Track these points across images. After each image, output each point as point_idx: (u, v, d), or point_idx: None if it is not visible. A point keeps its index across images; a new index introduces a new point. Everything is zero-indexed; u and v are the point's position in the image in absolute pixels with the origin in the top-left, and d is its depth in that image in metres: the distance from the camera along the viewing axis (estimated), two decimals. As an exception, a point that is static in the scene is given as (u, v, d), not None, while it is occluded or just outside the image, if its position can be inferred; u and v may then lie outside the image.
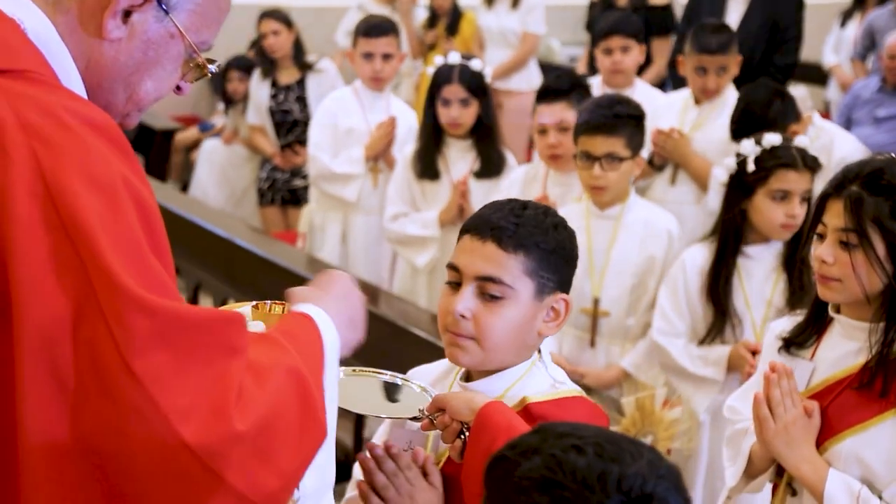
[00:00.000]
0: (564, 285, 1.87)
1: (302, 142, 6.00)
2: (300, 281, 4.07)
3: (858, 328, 2.15)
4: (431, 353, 3.31)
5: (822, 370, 2.22)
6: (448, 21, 6.94)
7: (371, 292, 3.93)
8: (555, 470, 1.11)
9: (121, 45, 1.41)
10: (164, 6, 1.42)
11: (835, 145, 4.25)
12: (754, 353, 3.05)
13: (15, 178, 1.26)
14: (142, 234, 1.31)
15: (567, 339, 3.49)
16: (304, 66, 6.05)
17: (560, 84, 3.72)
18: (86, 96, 1.42)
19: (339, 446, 4.16)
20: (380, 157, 4.62)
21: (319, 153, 4.67)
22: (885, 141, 6.14)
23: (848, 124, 6.25)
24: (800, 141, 3.13)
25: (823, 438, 2.16)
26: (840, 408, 2.13)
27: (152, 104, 1.49)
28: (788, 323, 2.33)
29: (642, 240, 3.41)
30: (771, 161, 3.08)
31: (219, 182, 6.51)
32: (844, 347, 2.19)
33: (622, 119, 3.30)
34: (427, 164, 4.20)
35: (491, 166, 4.15)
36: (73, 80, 1.40)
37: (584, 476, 1.10)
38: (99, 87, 1.43)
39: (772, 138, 3.10)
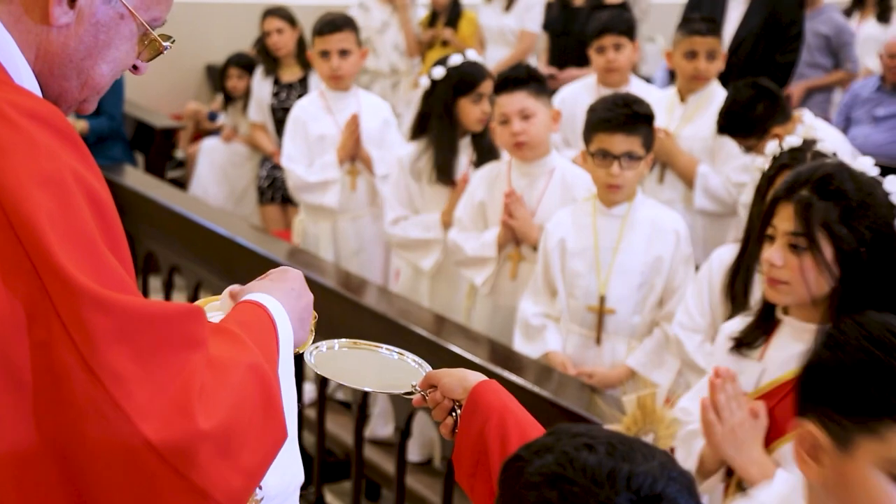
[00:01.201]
0: None
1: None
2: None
3: (806, 330, 2.18)
4: (432, 351, 3.34)
5: (770, 371, 2.28)
6: (447, 19, 6.94)
7: (365, 289, 3.93)
8: (565, 466, 1.11)
9: (70, 30, 1.38)
10: None
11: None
12: None
13: None
14: (95, 229, 1.28)
15: (572, 337, 3.49)
16: (307, 65, 6.05)
17: (518, 73, 3.74)
18: (37, 87, 1.39)
19: (340, 444, 4.18)
20: (353, 157, 4.60)
21: (292, 165, 4.65)
22: (883, 140, 6.15)
23: (847, 123, 6.26)
24: (790, 141, 3.13)
25: (772, 439, 2.19)
26: (788, 409, 2.10)
27: (109, 86, 1.46)
28: (739, 323, 2.36)
29: (649, 239, 3.42)
30: (779, 161, 3.09)
31: (219, 180, 6.50)
32: (792, 349, 2.21)
33: (640, 118, 3.34)
34: (447, 172, 4.14)
35: (487, 156, 4.13)
36: (21, 71, 1.37)
37: (593, 472, 1.10)
38: (51, 75, 1.40)
39: (792, 140, 3.10)
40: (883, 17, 7.75)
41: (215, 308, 1.57)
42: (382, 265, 4.69)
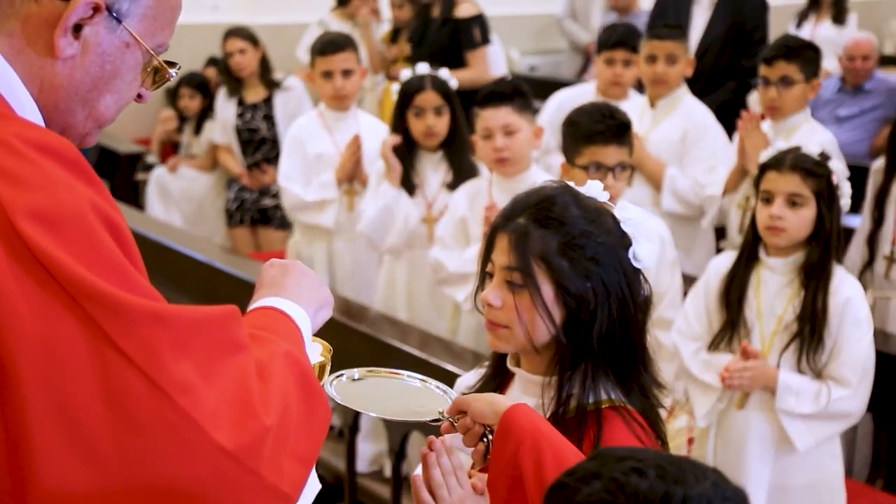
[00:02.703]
0: None
1: (269, 160, 5.95)
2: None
3: (534, 382, 1.85)
4: (420, 370, 3.30)
5: None
6: (410, 34, 6.91)
7: (359, 312, 3.90)
8: (616, 494, 1.08)
9: (75, 62, 1.33)
10: (115, 15, 1.34)
11: None
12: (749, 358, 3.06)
13: None
14: (120, 254, 1.25)
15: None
16: (272, 84, 6.00)
17: (503, 88, 3.73)
18: (41, 120, 1.35)
19: (330, 469, 4.13)
20: (352, 178, 4.58)
21: (289, 184, 4.62)
22: (848, 139, 6.24)
23: (811, 124, 6.33)
24: (777, 144, 3.15)
25: None
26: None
27: (114, 118, 1.42)
28: (474, 376, 2.06)
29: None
30: (763, 163, 3.11)
31: (171, 206, 6.43)
32: None
33: (627, 129, 3.34)
34: (403, 180, 4.17)
35: (463, 177, 4.12)
36: (25, 105, 1.32)
37: (646, 498, 1.07)
38: (56, 108, 1.35)
39: (779, 143, 3.11)
40: (838, 19, 7.84)
41: None
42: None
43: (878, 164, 4.10)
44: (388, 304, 4.29)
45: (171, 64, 1.43)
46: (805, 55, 4.17)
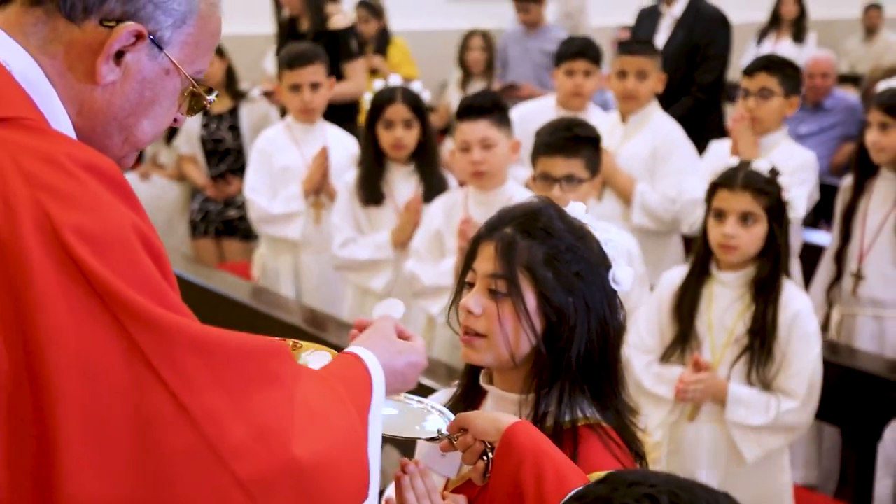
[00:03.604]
0: None
1: (234, 171, 5.91)
2: (248, 312, 4.01)
3: (509, 400, 1.82)
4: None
5: None
6: (376, 47, 6.92)
7: (324, 321, 3.88)
8: None
9: (115, 88, 1.34)
10: (157, 42, 1.34)
11: None
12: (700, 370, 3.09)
13: (26, 234, 1.19)
14: (161, 278, 1.26)
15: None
16: (237, 95, 5.96)
17: (482, 101, 3.73)
18: None
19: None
20: (319, 190, 4.55)
21: (256, 196, 4.58)
22: (809, 156, 6.31)
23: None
24: (729, 161, 3.19)
25: None
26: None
27: (150, 143, 1.42)
28: (444, 395, 2.00)
29: None
30: (715, 181, 3.14)
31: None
32: None
33: (581, 141, 3.34)
34: (371, 190, 4.16)
35: (433, 190, 4.12)
36: (63, 125, 1.33)
37: None
38: (93, 131, 1.35)
39: (731, 160, 3.15)
40: (798, 38, 7.96)
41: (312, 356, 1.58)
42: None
43: (847, 182, 4.16)
44: (360, 312, 4.27)
45: (209, 91, 1.44)
46: (786, 71, 4.22)
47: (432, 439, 1.68)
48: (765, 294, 3.07)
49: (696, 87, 5.66)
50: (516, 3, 6.93)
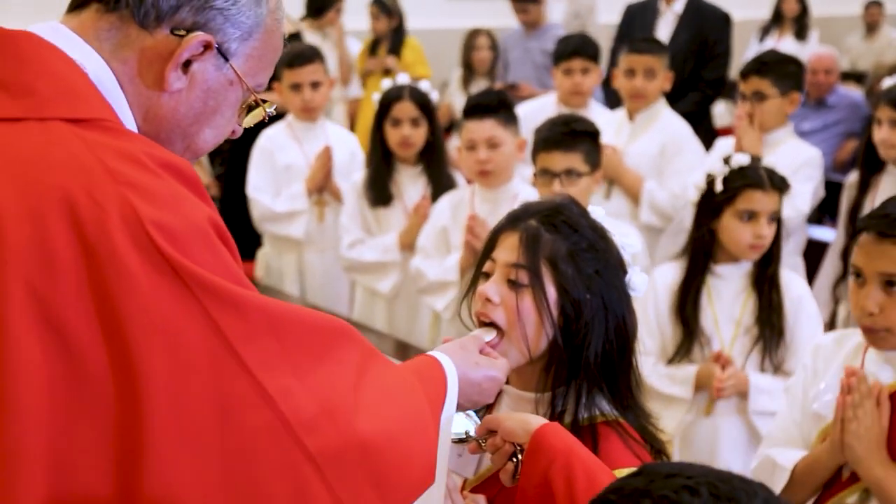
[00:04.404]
0: None
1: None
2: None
3: (525, 399, 1.81)
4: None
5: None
6: (390, 47, 6.91)
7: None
8: None
9: (181, 95, 1.38)
10: (223, 53, 1.38)
11: None
12: (725, 367, 3.10)
13: (115, 232, 1.23)
14: (239, 269, 1.31)
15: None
16: None
17: (489, 100, 3.73)
18: None
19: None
20: (322, 189, 4.55)
21: (258, 195, 4.58)
22: (812, 154, 6.31)
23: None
24: (739, 160, 3.19)
25: None
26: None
27: (209, 151, 1.46)
28: None
29: None
30: (738, 181, 3.11)
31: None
32: None
33: (579, 135, 3.35)
34: (379, 191, 4.15)
35: (442, 190, 4.12)
36: (131, 129, 1.37)
37: None
38: (156, 138, 1.38)
39: (740, 158, 3.15)
40: (800, 35, 7.96)
41: None
42: (349, 299, 4.61)
43: (852, 178, 4.16)
44: (366, 312, 4.27)
45: (268, 103, 1.47)
46: (779, 70, 4.21)
47: (460, 441, 1.67)
48: (766, 281, 3.11)
49: (705, 84, 5.68)
50: (514, 3, 6.90)
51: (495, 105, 3.68)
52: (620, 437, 1.75)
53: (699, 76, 5.68)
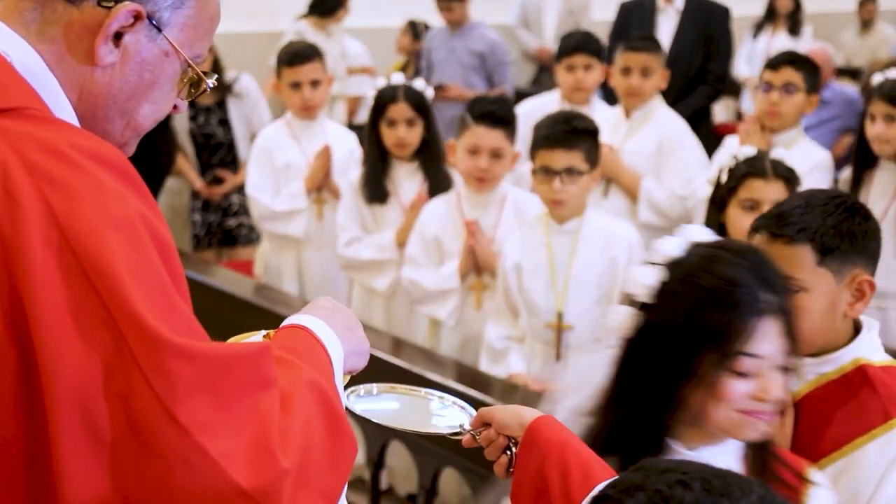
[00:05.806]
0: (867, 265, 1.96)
1: (225, 164, 5.85)
2: (251, 309, 4.01)
3: None
4: (394, 376, 3.29)
5: None
6: (414, 70, 6.97)
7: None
8: None
9: (114, 69, 1.33)
10: (155, 23, 1.34)
11: None
12: None
13: (27, 226, 1.19)
14: (165, 272, 1.24)
15: (537, 355, 3.51)
16: (223, 87, 5.80)
17: (503, 113, 3.75)
18: None
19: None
20: (321, 187, 4.56)
21: (258, 194, 4.59)
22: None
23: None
24: (745, 151, 3.19)
25: None
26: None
27: (151, 128, 1.41)
28: None
29: (602, 252, 3.45)
30: (740, 170, 3.13)
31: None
32: None
33: (580, 133, 3.36)
34: (375, 188, 4.16)
35: (438, 187, 4.13)
36: (65, 112, 1.32)
37: None
38: (94, 117, 1.35)
39: (747, 150, 3.15)
40: (794, 31, 7.97)
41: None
42: (348, 297, 4.62)
43: (845, 175, 4.16)
44: (364, 309, 4.28)
45: (208, 74, 1.43)
46: (809, 67, 4.23)
47: (455, 434, 1.68)
48: None
49: (714, 77, 5.71)
50: (439, 2, 6.76)
51: (507, 118, 3.72)
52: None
53: (707, 70, 5.72)
